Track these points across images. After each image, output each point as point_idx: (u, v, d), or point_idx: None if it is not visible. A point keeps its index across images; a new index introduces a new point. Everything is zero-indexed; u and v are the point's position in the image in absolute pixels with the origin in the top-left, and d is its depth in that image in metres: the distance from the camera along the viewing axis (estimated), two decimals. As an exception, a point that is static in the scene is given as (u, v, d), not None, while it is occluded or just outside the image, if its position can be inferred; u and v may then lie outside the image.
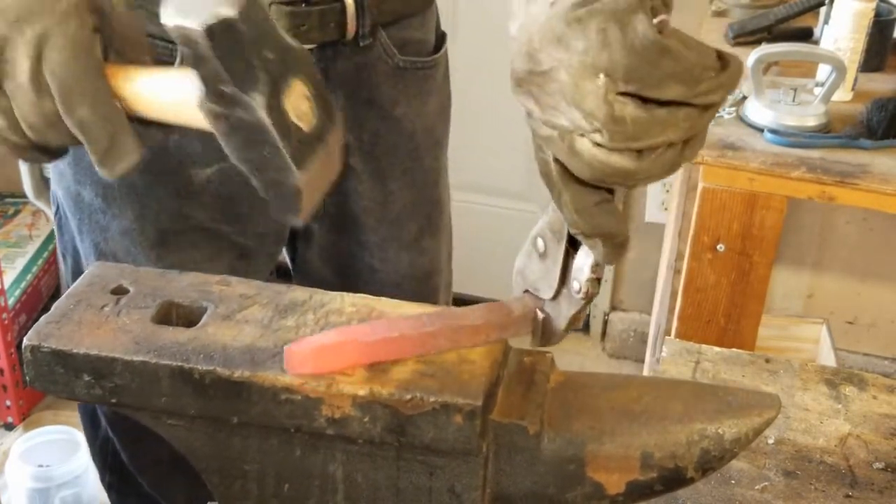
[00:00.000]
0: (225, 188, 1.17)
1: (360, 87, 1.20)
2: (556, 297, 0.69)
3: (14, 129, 0.70)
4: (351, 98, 1.20)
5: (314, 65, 0.67)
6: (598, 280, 0.67)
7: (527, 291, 0.72)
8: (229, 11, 0.61)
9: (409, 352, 0.68)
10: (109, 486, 1.44)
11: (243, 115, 0.63)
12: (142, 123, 0.71)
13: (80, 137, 0.69)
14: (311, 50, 1.12)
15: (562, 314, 0.69)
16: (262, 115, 0.62)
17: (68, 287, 1.30)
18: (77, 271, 1.27)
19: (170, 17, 0.61)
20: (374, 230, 1.31)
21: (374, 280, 1.33)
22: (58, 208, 1.26)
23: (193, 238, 1.18)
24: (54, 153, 0.73)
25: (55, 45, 0.67)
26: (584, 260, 0.67)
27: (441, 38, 1.32)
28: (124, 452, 1.35)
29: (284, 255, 1.40)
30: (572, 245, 0.67)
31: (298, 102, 0.64)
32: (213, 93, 0.63)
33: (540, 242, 0.70)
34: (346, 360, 0.67)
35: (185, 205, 1.16)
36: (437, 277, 1.42)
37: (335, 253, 1.33)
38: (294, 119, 0.64)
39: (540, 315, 0.70)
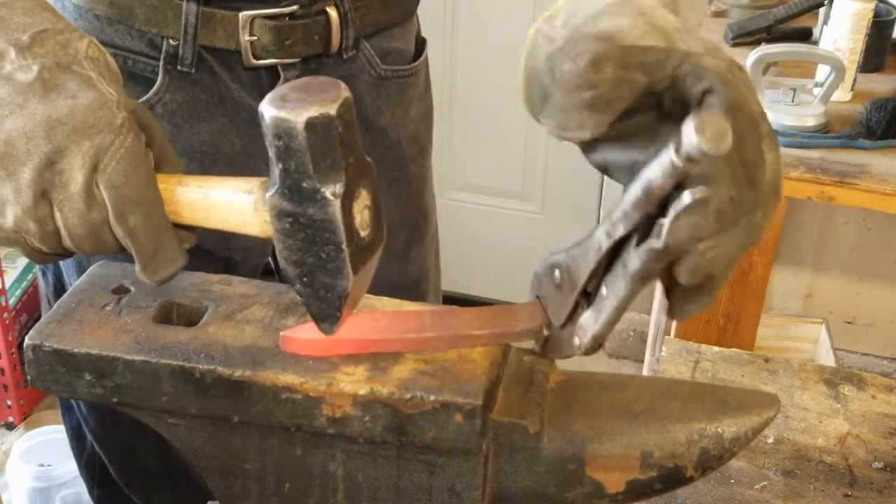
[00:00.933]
0: None
1: None
2: (563, 327, 0.68)
3: (46, 237, 0.70)
4: None
5: (375, 173, 0.69)
6: (600, 345, 0.66)
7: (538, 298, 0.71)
8: (331, 109, 0.63)
9: (404, 349, 0.68)
10: (98, 500, 1.43)
11: (314, 212, 0.64)
12: (184, 229, 0.73)
13: (129, 245, 0.70)
14: (294, 63, 1.12)
15: (563, 344, 0.68)
16: (337, 212, 0.64)
17: (49, 304, 1.28)
18: (59, 288, 1.25)
19: (268, 109, 0.63)
20: None
21: None
22: None
23: None
24: (69, 255, 0.74)
25: (114, 156, 0.68)
26: (589, 321, 0.65)
27: (421, 45, 1.30)
28: (111, 466, 1.34)
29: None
30: (586, 298, 0.66)
31: (362, 210, 0.67)
32: (290, 188, 0.65)
33: (557, 274, 0.68)
34: (339, 350, 0.68)
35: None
36: (425, 284, 1.41)
37: None
38: (357, 225, 0.66)
39: (545, 331, 0.69)
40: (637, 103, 0.62)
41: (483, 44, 2.69)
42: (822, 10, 2.06)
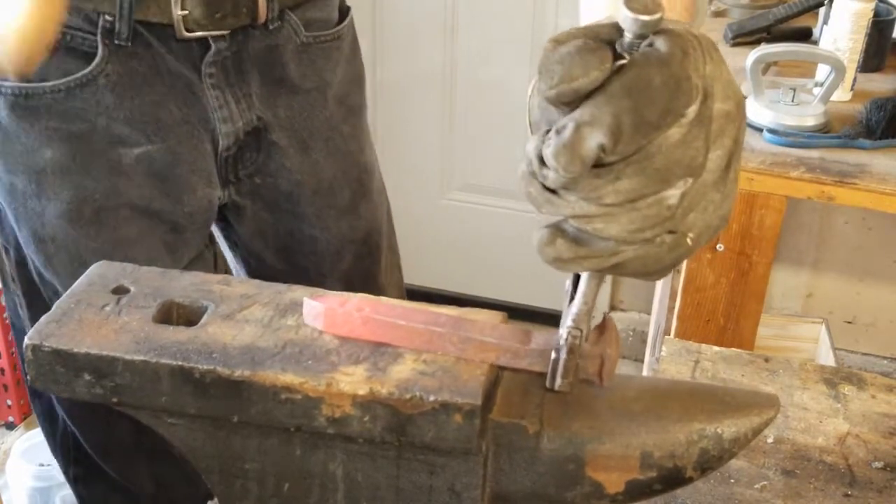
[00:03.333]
0: (152, 168, 1.21)
1: (272, 66, 1.27)
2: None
3: None
4: (265, 77, 1.27)
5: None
6: (580, 331, 0.64)
7: None
8: None
9: (412, 344, 0.68)
10: (75, 479, 1.46)
11: None
12: None
13: None
14: (224, 35, 1.19)
15: (559, 363, 0.65)
16: None
17: (13, 281, 1.31)
18: (21, 262, 1.29)
19: None
20: (310, 202, 1.35)
21: (315, 249, 1.39)
22: None
23: (126, 215, 1.22)
24: None
25: None
26: (569, 309, 0.65)
27: (345, 12, 1.38)
28: (87, 442, 1.36)
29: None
30: (575, 288, 0.66)
31: None
32: None
33: (567, 283, 0.67)
34: (351, 328, 0.69)
35: (117, 182, 1.21)
36: (377, 237, 1.46)
37: (273, 232, 1.38)
38: None
39: (553, 355, 0.66)
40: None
41: (483, 44, 2.69)
42: (822, 10, 2.06)
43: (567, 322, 0.64)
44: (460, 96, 2.78)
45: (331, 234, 1.39)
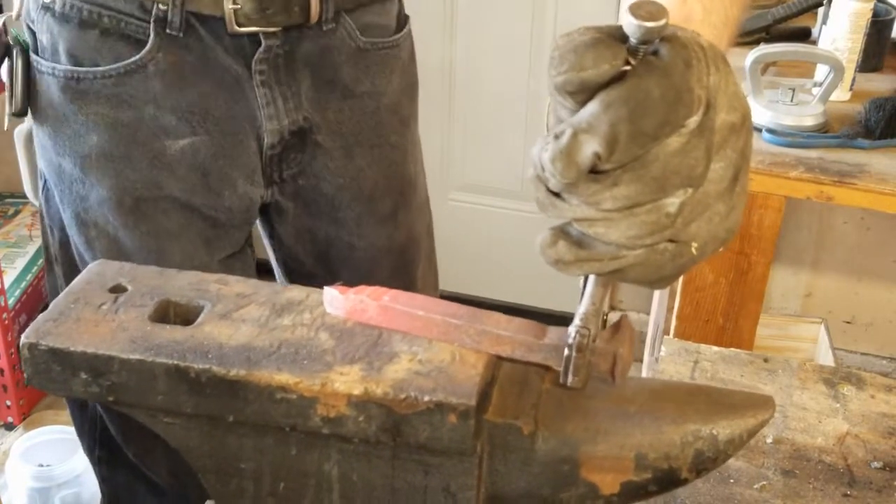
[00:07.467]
0: (196, 161, 1.22)
1: (324, 67, 1.25)
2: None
3: None
4: (316, 78, 1.26)
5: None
6: (588, 330, 0.64)
7: None
8: None
9: (429, 333, 0.68)
10: (99, 460, 1.47)
11: None
12: None
13: None
14: (275, 32, 1.18)
15: (571, 361, 0.65)
16: None
17: (56, 262, 1.32)
18: (64, 242, 1.31)
19: None
20: (350, 206, 1.35)
21: (352, 257, 1.39)
22: (45, 182, 1.30)
23: (166, 207, 1.23)
24: None
25: None
26: (578, 309, 0.65)
27: (403, 20, 1.36)
28: (112, 424, 1.36)
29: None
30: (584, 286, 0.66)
31: None
32: None
33: (581, 284, 0.67)
34: (370, 316, 0.69)
35: (158, 175, 1.21)
36: (414, 249, 1.46)
37: (312, 237, 1.38)
38: None
39: (566, 352, 0.65)
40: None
41: (482, 44, 2.68)
42: (820, 10, 2.06)
43: (575, 321, 0.64)
44: (460, 96, 2.78)
45: (368, 243, 1.38)
